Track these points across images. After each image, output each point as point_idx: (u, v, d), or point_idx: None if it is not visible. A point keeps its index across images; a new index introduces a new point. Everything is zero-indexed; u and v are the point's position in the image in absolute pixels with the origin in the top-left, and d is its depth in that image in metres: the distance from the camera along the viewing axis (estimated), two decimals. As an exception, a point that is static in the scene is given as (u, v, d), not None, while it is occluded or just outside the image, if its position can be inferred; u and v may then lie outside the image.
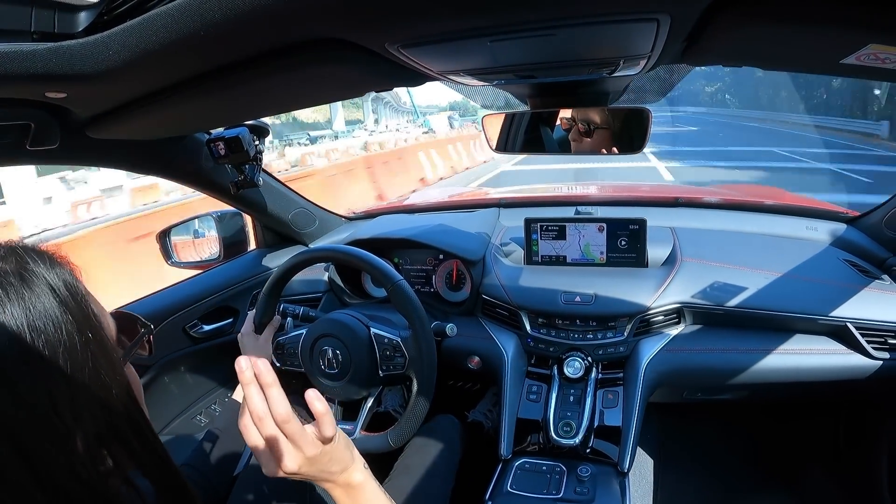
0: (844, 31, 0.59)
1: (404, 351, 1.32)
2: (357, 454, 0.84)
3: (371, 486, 0.83)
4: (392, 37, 0.67)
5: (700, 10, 0.60)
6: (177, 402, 1.75)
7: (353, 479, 0.81)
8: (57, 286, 0.55)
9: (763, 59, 0.80)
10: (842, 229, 1.73)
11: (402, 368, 1.33)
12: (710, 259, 1.57)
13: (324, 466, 0.77)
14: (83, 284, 0.59)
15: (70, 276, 0.57)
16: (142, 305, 1.64)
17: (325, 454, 0.76)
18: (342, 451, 0.80)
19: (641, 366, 1.45)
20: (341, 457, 0.79)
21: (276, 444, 0.72)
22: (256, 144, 1.49)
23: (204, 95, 0.85)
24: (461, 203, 2.26)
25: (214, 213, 1.87)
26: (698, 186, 2.34)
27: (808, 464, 1.99)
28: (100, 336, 0.57)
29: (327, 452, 0.76)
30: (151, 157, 1.39)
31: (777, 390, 1.50)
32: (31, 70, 0.64)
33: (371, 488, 0.83)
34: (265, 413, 0.71)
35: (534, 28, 0.65)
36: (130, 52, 0.64)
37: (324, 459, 0.76)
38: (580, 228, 1.60)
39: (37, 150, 0.99)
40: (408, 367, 1.33)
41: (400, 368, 1.33)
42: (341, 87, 0.98)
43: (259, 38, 0.65)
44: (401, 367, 1.33)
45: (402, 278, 1.32)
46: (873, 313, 1.39)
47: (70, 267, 0.59)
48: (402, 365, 1.33)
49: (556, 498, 1.29)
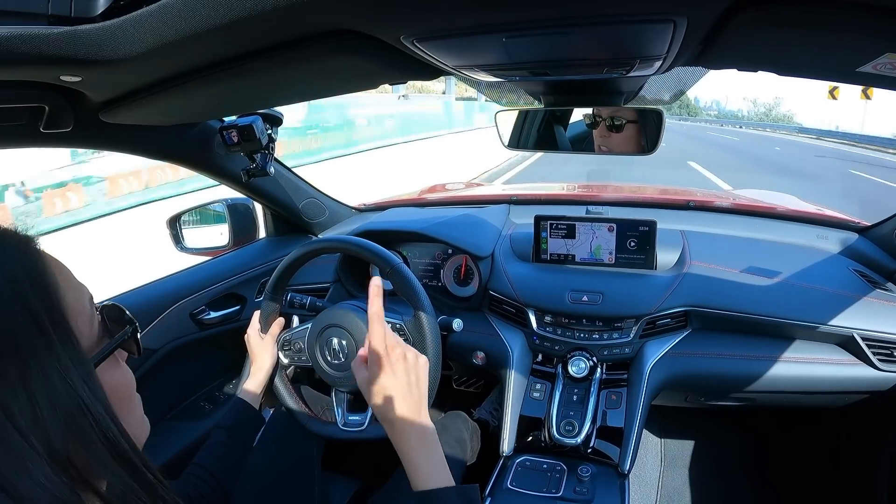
0: (861, 39, 0.59)
1: (408, 334, 1.32)
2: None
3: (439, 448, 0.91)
4: (407, 30, 0.67)
5: (717, 14, 0.59)
6: (182, 387, 1.76)
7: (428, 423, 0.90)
8: (15, 277, 0.50)
9: (778, 64, 0.80)
10: (852, 239, 1.72)
11: None
12: (718, 264, 1.56)
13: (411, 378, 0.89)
14: (56, 276, 0.54)
15: (35, 266, 0.52)
16: (149, 290, 1.65)
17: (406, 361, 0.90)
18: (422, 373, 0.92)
19: (646, 368, 1.45)
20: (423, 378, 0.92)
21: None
22: (269, 133, 1.50)
23: (218, 83, 0.86)
24: (472, 198, 2.25)
25: (225, 200, 1.87)
26: (710, 190, 2.32)
27: (810, 471, 1.99)
28: (66, 335, 0.52)
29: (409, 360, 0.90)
30: (164, 143, 1.40)
31: (781, 397, 1.49)
32: (47, 53, 0.65)
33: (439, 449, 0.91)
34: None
35: (549, 26, 0.65)
36: (146, 39, 0.64)
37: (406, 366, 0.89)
38: (590, 228, 1.59)
39: (50, 132, 1.00)
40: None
41: None
42: (355, 79, 0.98)
43: (275, 27, 0.65)
44: None
45: (401, 262, 1.32)
46: (880, 325, 1.38)
47: (41, 255, 0.53)
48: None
49: (555, 497, 1.29)
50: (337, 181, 5.60)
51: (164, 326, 1.62)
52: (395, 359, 0.89)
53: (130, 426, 0.59)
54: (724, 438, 2.18)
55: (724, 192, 2.53)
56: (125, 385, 0.62)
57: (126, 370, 0.63)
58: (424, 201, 2.30)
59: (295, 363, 1.44)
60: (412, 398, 0.88)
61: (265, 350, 1.39)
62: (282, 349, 1.43)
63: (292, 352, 1.43)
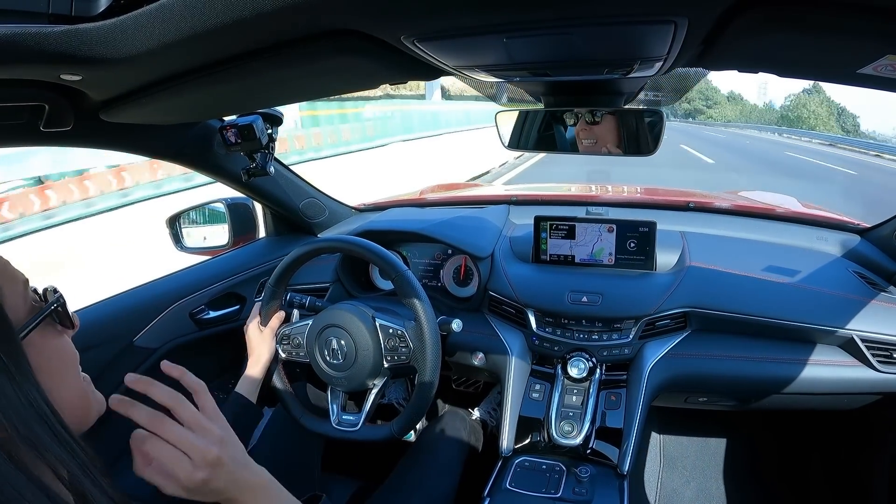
0: (862, 40, 0.59)
1: (409, 341, 1.33)
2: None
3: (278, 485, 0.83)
4: (408, 30, 0.67)
5: (717, 14, 0.59)
6: (181, 387, 1.76)
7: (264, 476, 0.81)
8: None
9: (779, 65, 0.80)
10: (852, 240, 1.71)
11: (407, 358, 1.33)
12: (718, 265, 1.56)
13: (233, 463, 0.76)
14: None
15: None
16: (148, 289, 1.65)
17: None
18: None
19: (645, 369, 1.45)
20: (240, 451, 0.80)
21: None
22: (269, 133, 1.50)
23: (218, 83, 0.86)
24: (472, 199, 2.26)
25: (225, 199, 1.87)
26: (709, 191, 2.32)
27: (809, 473, 1.98)
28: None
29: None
30: (164, 142, 1.40)
31: (780, 399, 1.49)
32: (47, 52, 0.64)
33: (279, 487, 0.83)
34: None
35: (549, 26, 0.65)
36: (146, 38, 0.64)
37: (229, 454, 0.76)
38: (590, 228, 1.59)
39: (50, 131, 1.00)
40: (412, 358, 1.33)
41: (405, 358, 1.34)
42: (355, 79, 0.98)
43: (276, 27, 0.65)
44: (405, 357, 1.33)
45: (407, 269, 1.33)
46: (879, 327, 1.38)
47: None
48: (406, 355, 1.33)
49: (554, 497, 1.29)
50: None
51: (164, 326, 1.62)
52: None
53: (66, 399, 0.62)
54: (723, 439, 2.18)
55: (725, 194, 2.52)
56: (60, 354, 0.65)
57: (66, 343, 0.66)
58: (424, 201, 2.30)
59: (292, 358, 1.44)
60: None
61: (264, 343, 1.40)
62: (280, 343, 1.44)
63: (290, 346, 1.43)
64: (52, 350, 0.64)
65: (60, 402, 0.61)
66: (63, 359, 0.66)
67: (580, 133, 1.25)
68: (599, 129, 1.23)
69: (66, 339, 0.67)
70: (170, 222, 1.83)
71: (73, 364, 0.67)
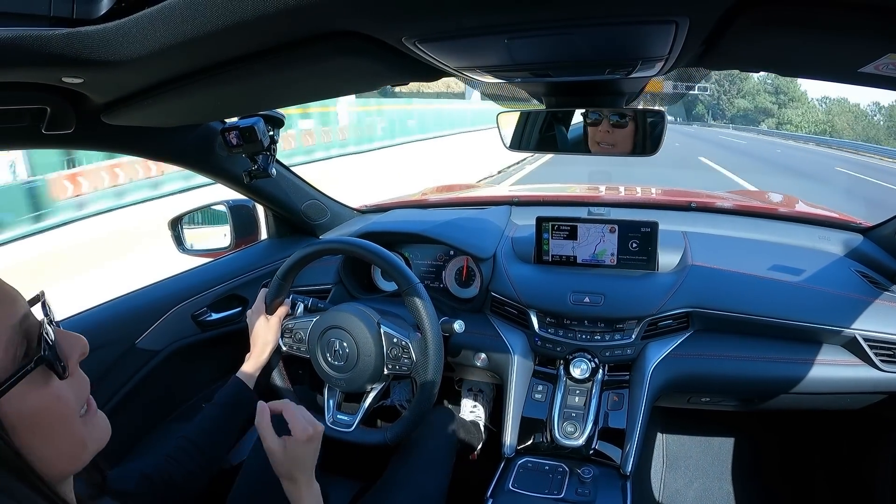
0: (863, 39, 0.59)
1: (412, 354, 1.33)
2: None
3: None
4: (409, 31, 0.67)
5: (719, 14, 0.59)
6: (183, 389, 1.76)
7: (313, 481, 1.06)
8: None
9: (780, 65, 0.80)
10: (854, 239, 1.71)
11: (409, 370, 1.34)
12: (720, 265, 1.56)
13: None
14: None
15: None
16: (151, 291, 1.65)
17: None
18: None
19: (648, 369, 1.45)
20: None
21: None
22: (271, 135, 1.50)
23: (220, 85, 0.86)
24: (474, 200, 2.25)
25: (227, 201, 1.87)
26: (712, 192, 2.32)
27: (812, 472, 1.98)
28: None
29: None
30: (166, 145, 1.40)
31: (783, 399, 1.49)
32: (49, 55, 0.64)
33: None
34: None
35: (551, 27, 0.65)
36: (148, 40, 0.64)
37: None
38: (592, 229, 1.59)
39: (52, 134, 1.00)
40: (414, 370, 1.33)
41: (405, 369, 1.34)
42: (357, 81, 0.98)
43: (277, 29, 0.65)
44: (406, 368, 1.34)
45: (419, 282, 1.33)
46: (883, 326, 1.38)
47: None
48: (408, 366, 1.34)
49: (557, 498, 1.29)
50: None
51: (166, 328, 1.62)
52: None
53: (50, 457, 0.57)
54: (726, 440, 2.18)
55: (726, 194, 2.51)
56: (50, 407, 0.58)
57: (52, 395, 0.58)
58: (426, 202, 2.30)
59: (293, 352, 1.45)
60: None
61: (269, 331, 1.41)
62: (282, 336, 1.44)
63: (292, 340, 1.44)
64: (41, 404, 0.56)
65: (48, 455, 0.57)
66: (54, 412, 0.58)
67: (600, 135, 1.24)
68: (622, 134, 1.22)
69: (58, 386, 0.59)
70: (171, 224, 1.83)
71: (67, 415, 0.59)
